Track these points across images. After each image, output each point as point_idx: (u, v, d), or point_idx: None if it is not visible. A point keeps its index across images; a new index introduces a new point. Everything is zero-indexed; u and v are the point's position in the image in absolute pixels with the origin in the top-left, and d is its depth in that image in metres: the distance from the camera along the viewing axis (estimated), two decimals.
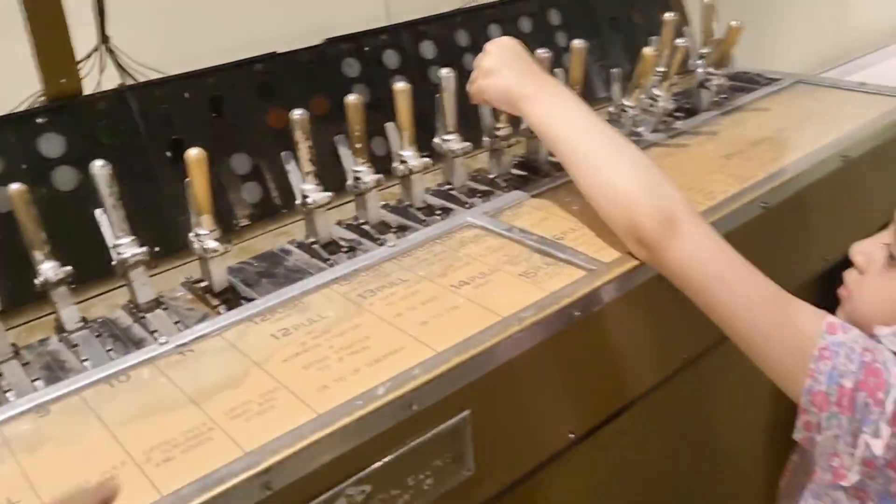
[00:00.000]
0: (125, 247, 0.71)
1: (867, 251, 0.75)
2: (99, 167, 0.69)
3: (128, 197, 0.72)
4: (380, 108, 0.94)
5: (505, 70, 0.85)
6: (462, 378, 0.63)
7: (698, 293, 0.70)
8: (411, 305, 0.71)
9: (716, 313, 0.70)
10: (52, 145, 0.80)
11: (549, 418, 0.74)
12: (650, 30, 1.31)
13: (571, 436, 0.77)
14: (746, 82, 1.24)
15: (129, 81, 0.88)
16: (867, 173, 0.97)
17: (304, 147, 0.78)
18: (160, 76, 0.89)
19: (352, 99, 0.81)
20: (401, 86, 0.84)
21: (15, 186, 0.69)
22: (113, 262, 0.73)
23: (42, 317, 0.76)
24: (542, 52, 0.92)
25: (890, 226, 0.72)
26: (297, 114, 0.77)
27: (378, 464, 0.60)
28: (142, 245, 0.72)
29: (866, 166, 0.97)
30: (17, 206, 0.69)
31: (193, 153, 0.69)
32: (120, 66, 0.88)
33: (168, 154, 0.87)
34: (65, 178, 0.80)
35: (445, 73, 0.87)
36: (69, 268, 0.70)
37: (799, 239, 0.84)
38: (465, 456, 0.66)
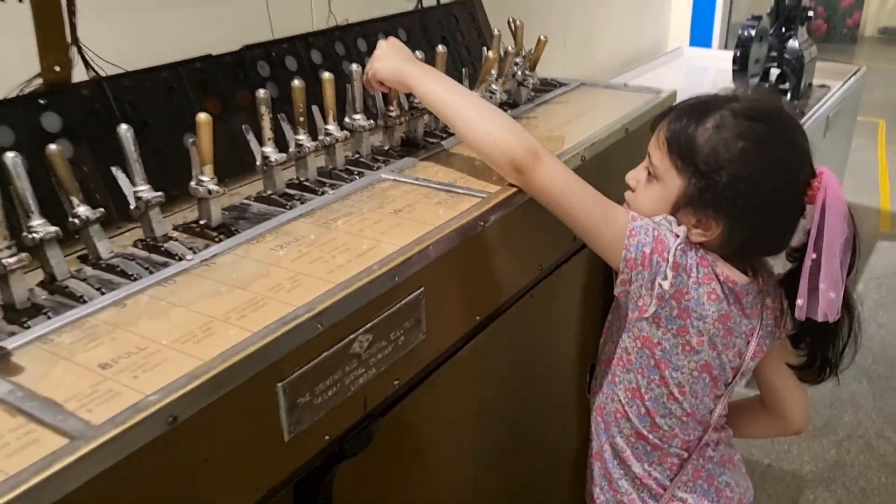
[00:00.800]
0: (146, 191, 0.92)
1: (634, 175, 1.16)
2: (124, 130, 0.90)
3: (105, 163, 0.93)
4: (285, 101, 1.20)
5: (394, 57, 1.15)
6: (420, 262, 0.92)
7: (557, 202, 1.05)
8: (367, 225, 0.99)
9: (568, 215, 1.06)
10: (51, 122, 0.98)
11: (465, 303, 1.05)
12: (468, 46, 1.70)
13: (478, 318, 1.09)
14: (545, 85, 1.66)
15: (93, 74, 1.07)
16: (638, 139, 1.40)
17: (266, 118, 1.03)
18: (121, 71, 1.09)
19: (296, 83, 1.07)
20: (327, 75, 1.12)
21: (53, 147, 0.87)
22: (132, 206, 0.93)
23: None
24: (418, 53, 1.23)
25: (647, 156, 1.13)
26: (262, 93, 1.02)
27: (377, 318, 0.87)
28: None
29: (637, 135, 1.40)
30: (56, 162, 0.87)
31: (203, 117, 0.92)
32: (86, 62, 1.06)
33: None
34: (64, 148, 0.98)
35: (355, 68, 1.16)
36: (101, 209, 0.90)
37: (602, 181, 1.22)
38: (421, 322, 0.95)
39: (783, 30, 3.00)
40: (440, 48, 1.27)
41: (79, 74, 1.06)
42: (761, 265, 1.16)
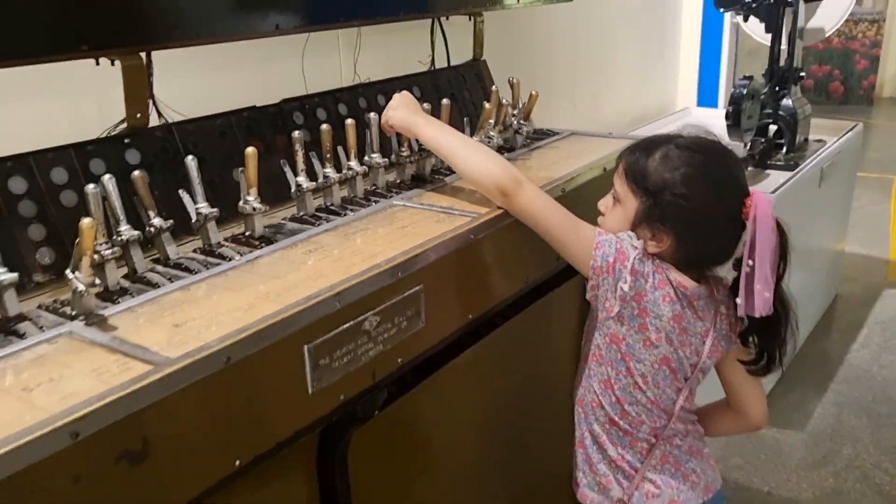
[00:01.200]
0: (204, 207, 1.17)
1: (604, 202, 1.39)
2: (190, 159, 1.16)
3: (172, 189, 1.19)
4: (315, 143, 1.46)
5: (403, 108, 1.42)
6: (419, 263, 1.16)
7: (536, 221, 1.29)
8: (379, 238, 1.23)
9: (546, 232, 1.29)
10: (132, 156, 1.24)
11: (459, 302, 1.28)
12: (474, 101, 1.96)
13: (470, 316, 1.31)
14: (540, 134, 1.91)
15: (164, 121, 1.34)
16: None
17: (300, 154, 1.29)
18: (185, 118, 1.36)
19: (325, 127, 1.33)
20: (349, 121, 1.38)
21: (137, 173, 1.13)
22: (193, 220, 1.18)
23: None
24: (426, 105, 1.50)
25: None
26: (297, 133, 1.28)
27: (384, 305, 1.10)
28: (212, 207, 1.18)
29: (614, 173, 1.63)
30: (138, 185, 1.13)
31: (250, 149, 1.18)
32: (158, 111, 1.34)
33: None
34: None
35: (373, 116, 1.42)
36: (171, 220, 1.15)
37: (581, 209, 1.45)
38: (421, 313, 1.18)
39: (777, 89, 3.25)
40: (445, 101, 1.53)
41: (153, 120, 1.33)
42: (713, 276, 1.36)
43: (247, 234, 1.23)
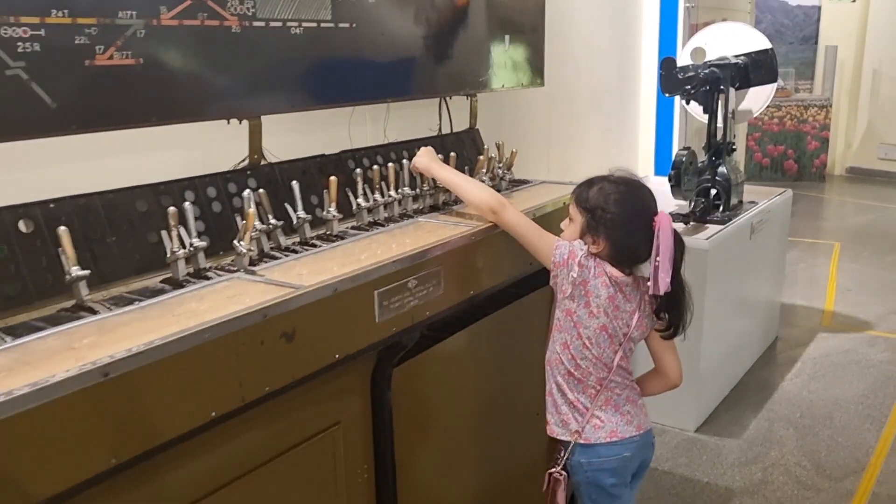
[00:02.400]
0: (303, 214, 1.81)
1: (564, 222, 2.04)
2: (295, 183, 1.81)
3: (275, 205, 1.83)
4: (365, 180, 2.11)
5: (425, 156, 2.10)
6: (438, 251, 1.80)
7: (515, 231, 1.94)
8: (410, 237, 1.88)
9: (523, 238, 1.94)
10: (252, 182, 1.89)
11: (464, 280, 1.91)
12: (469, 158, 2.65)
13: (472, 292, 1.94)
14: (520, 182, 2.58)
15: (266, 161, 2.00)
16: None
17: (360, 184, 1.94)
18: (280, 160, 2.01)
19: (374, 168, 1.99)
20: (391, 165, 2.04)
21: (262, 190, 1.78)
22: (294, 222, 1.82)
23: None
24: (440, 156, 2.16)
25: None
26: (357, 171, 1.94)
27: (419, 274, 1.74)
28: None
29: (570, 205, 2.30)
30: (263, 198, 1.77)
31: (333, 178, 1.83)
32: (262, 155, 1.99)
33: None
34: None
35: (405, 163, 2.09)
36: (282, 221, 1.79)
37: (547, 227, 2.09)
38: (441, 283, 1.81)
39: (714, 159, 3.97)
40: (452, 154, 2.20)
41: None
42: (640, 273, 2.00)
43: (327, 233, 1.87)
